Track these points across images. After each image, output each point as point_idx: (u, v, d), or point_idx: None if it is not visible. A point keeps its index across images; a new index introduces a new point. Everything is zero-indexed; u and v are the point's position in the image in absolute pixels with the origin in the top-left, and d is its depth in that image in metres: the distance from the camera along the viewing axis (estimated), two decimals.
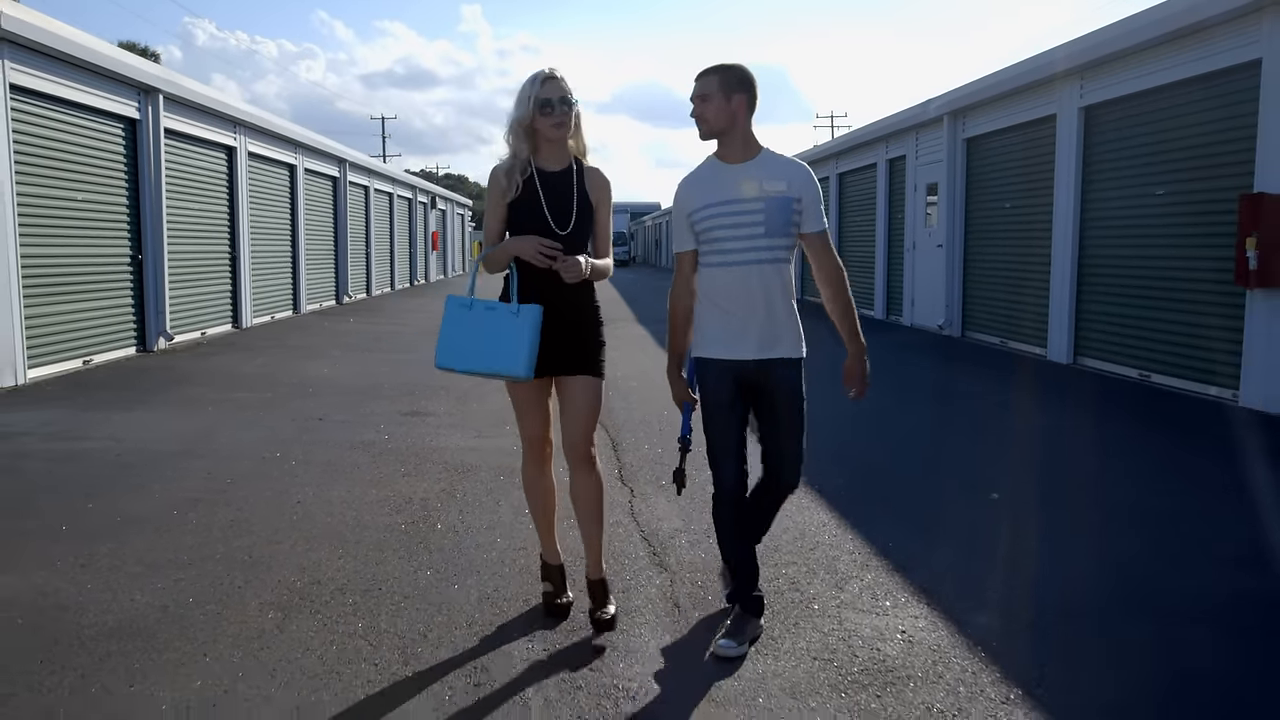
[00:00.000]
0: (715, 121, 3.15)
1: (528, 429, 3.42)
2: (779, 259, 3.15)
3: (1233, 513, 4.95)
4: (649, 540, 4.36)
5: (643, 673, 3.04)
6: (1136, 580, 3.94)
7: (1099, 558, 4.24)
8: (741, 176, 3.14)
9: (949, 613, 3.54)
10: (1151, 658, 3.23)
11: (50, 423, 6.87)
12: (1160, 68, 8.75)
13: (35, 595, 3.59)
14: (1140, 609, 3.64)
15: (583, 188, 3.33)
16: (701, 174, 3.25)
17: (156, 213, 11.06)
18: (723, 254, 3.14)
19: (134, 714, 2.71)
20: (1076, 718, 2.78)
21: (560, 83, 3.24)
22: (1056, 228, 10.56)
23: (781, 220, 3.12)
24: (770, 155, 3.21)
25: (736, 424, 3.21)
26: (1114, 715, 2.81)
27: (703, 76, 3.19)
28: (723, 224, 3.12)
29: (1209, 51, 8.08)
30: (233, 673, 2.97)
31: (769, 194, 3.10)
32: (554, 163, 3.33)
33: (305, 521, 4.56)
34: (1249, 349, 7.57)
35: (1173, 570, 4.07)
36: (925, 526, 4.66)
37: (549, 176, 3.30)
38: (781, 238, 3.14)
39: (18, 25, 8.21)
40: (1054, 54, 10.37)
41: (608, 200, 3.39)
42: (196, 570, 3.88)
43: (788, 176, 3.15)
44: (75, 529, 4.40)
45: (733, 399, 3.19)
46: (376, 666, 3.05)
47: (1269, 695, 2.96)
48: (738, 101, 3.14)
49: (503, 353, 3.14)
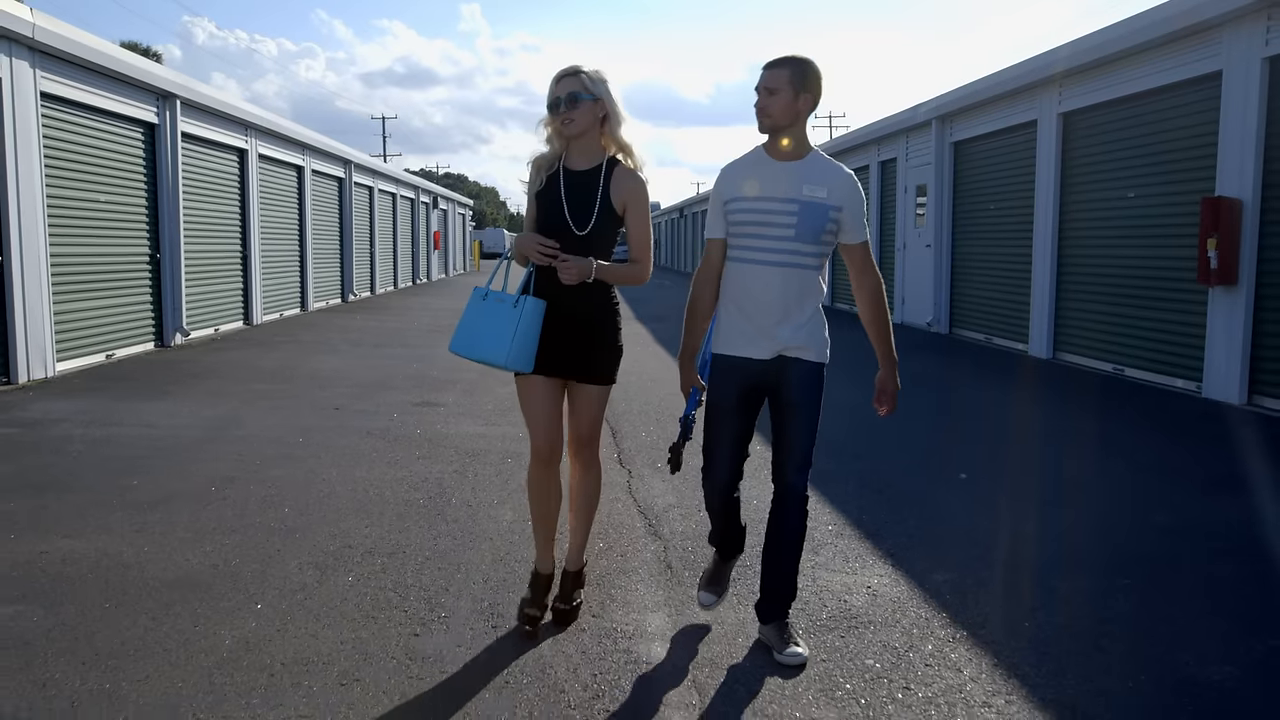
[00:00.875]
0: (780, 117, 3.03)
1: (536, 439, 3.33)
2: (805, 265, 3.05)
3: (1174, 489, 5.42)
4: (645, 514, 4.81)
5: (638, 619, 3.49)
6: (1076, 544, 4.42)
7: (1047, 525, 4.71)
8: (785, 174, 3.04)
9: (910, 573, 4.00)
10: (1082, 605, 3.69)
11: (86, 411, 7.33)
12: (1132, 77, 9.22)
13: (99, 556, 4.05)
14: (1077, 567, 4.11)
15: (607, 191, 3.21)
16: (746, 164, 3.14)
17: (174, 213, 11.52)
18: (748, 250, 3.07)
19: (201, 645, 3.17)
20: (1012, 651, 3.24)
21: (577, 78, 3.17)
22: (1037, 229, 11.03)
23: (814, 226, 3.01)
24: (818, 158, 3.11)
25: (739, 428, 3.17)
26: (1044, 648, 3.26)
27: (774, 67, 3.05)
28: (753, 220, 3.05)
29: (1175, 63, 8.55)
30: (283, 617, 3.43)
31: (806, 198, 3.00)
32: (583, 161, 3.24)
33: (332, 497, 5.02)
34: (1210, 344, 8.04)
35: (1109, 536, 4.54)
36: (896, 502, 5.12)
37: (575, 175, 3.23)
38: (811, 244, 3.03)
39: (48, 36, 8.67)
40: (1035, 61, 10.84)
41: (640, 203, 3.25)
42: (239, 536, 4.34)
43: (830, 183, 3.04)
44: (125, 502, 4.86)
45: (740, 400, 3.14)
46: (406, 613, 3.50)
47: (1178, 634, 3.41)
48: (805, 100, 3.03)
49: (491, 340, 3.12)
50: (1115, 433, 7.17)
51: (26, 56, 8.58)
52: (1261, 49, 7.44)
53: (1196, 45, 8.22)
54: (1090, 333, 10.15)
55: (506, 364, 3.11)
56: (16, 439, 6.33)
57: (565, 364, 3.24)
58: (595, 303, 3.25)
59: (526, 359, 3.14)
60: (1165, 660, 3.21)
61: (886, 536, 4.48)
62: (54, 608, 3.47)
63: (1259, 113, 7.49)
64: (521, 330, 3.10)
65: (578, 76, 3.18)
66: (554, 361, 3.22)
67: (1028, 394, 9.06)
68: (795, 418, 3.12)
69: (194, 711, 2.73)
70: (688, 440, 3.33)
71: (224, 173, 13.69)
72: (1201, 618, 3.56)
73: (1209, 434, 7.01)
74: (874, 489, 5.36)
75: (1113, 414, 7.91)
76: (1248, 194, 7.59)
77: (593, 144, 3.24)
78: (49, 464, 5.66)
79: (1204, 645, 3.30)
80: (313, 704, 2.79)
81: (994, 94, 11.96)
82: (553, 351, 3.21)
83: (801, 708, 2.82)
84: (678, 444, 3.32)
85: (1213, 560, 4.22)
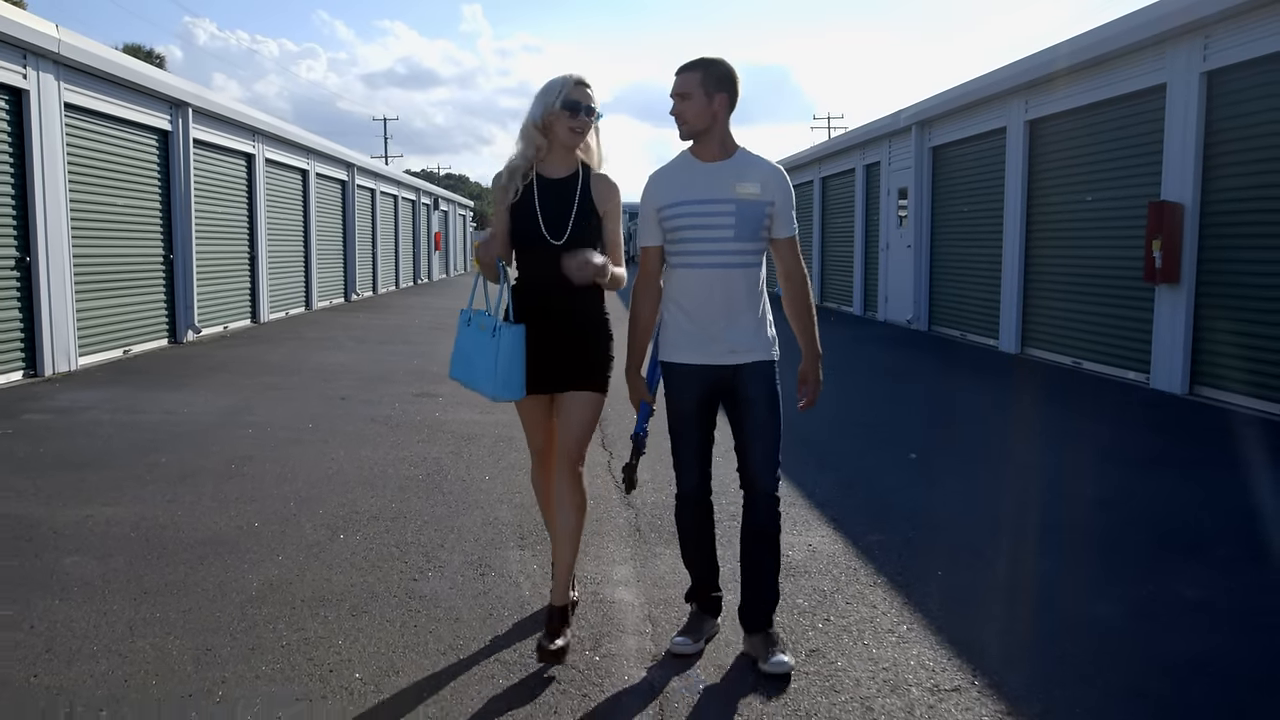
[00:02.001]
0: (696, 121, 3.04)
1: (533, 442, 3.39)
2: (748, 263, 3.05)
3: (1102, 468, 6.00)
4: (620, 486, 5.38)
5: (606, 570, 4.07)
6: (1003, 512, 5.00)
7: (980, 497, 5.29)
8: (714, 176, 3.03)
9: (848, 534, 4.57)
10: (995, 560, 4.27)
11: (110, 400, 7.91)
12: (1089, 88, 9.80)
13: (138, 519, 4.63)
14: (999, 530, 4.69)
15: (586, 196, 3.19)
16: (673, 169, 3.14)
17: (186, 216, 12.11)
18: (689, 255, 3.05)
19: (233, 587, 3.75)
20: (923, 595, 3.81)
21: (589, 90, 3.16)
22: (1006, 230, 11.61)
23: (752, 224, 3.02)
24: (746, 155, 3.10)
25: (701, 431, 3.17)
26: (952, 593, 3.84)
27: (683, 72, 3.05)
28: (691, 224, 3.03)
29: (1126, 76, 9.13)
30: (300, 566, 4.01)
31: (741, 196, 3.00)
32: (558, 169, 3.21)
33: (340, 473, 5.60)
34: (1156, 338, 8.62)
35: (1034, 505, 5.12)
36: (848, 478, 5.70)
37: (550, 183, 3.18)
38: (751, 241, 3.04)
39: (71, 50, 9.26)
40: (1004, 71, 11.42)
41: (617, 209, 3.23)
42: (259, 504, 4.92)
43: (762, 179, 3.04)
44: (155, 477, 5.44)
45: (699, 405, 3.13)
46: (406, 564, 4.08)
47: (1077, 584, 3.99)
48: (720, 101, 3.02)
49: (478, 372, 3.11)
50: (1061, 420, 7.74)
51: (52, 70, 9.17)
52: (1200, 64, 8.01)
53: (1144, 60, 8.79)
54: (1053, 328, 10.72)
55: (495, 396, 3.08)
56: (51, 424, 6.92)
57: (559, 377, 3.18)
58: (588, 311, 3.22)
59: (515, 387, 3.09)
60: (1058, 603, 3.78)
61: (833, 505, 5.05)
62: (105, 558, 4.06)
63: (1198, 123, 8.06)
64: (503, 363, 3.04)
65: (590, 89, 3.16)
66: (547, 378, 3.17)
67: (989, 386, 9.64)
68: (754, 415, 3.09)
69: (231, 633, 3.31)
70: (641, 455, 3.35)
71: (233, 177, 14.28)
72: (1101, 570, 4.14)
73: (1146, 420, 7.58)
74: (831, 467, 5.93)
75: (1063, 404, 8.49)
76: (1188, 198, 8.16)
77: (571, 153, 3.21)
78: (83, 445, 6.24)
79: (1097, 590, 3.88)
80: (328, 628, 3.37)
81: (968, 101, 12.53)
82: (545, 368, 3.15)
83: (736, 631, 3.39)
84: (632, 462, 3.34)
85: (1124, 527, 4.79)
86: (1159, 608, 3.68)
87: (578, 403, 3.20)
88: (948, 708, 2.86)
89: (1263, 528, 4.72)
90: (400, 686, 2.96)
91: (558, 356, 3.16)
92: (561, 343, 3.16)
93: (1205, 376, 8.16)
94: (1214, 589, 3.88)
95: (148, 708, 2.80)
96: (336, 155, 19.59)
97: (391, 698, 2.89)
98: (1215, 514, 4.97)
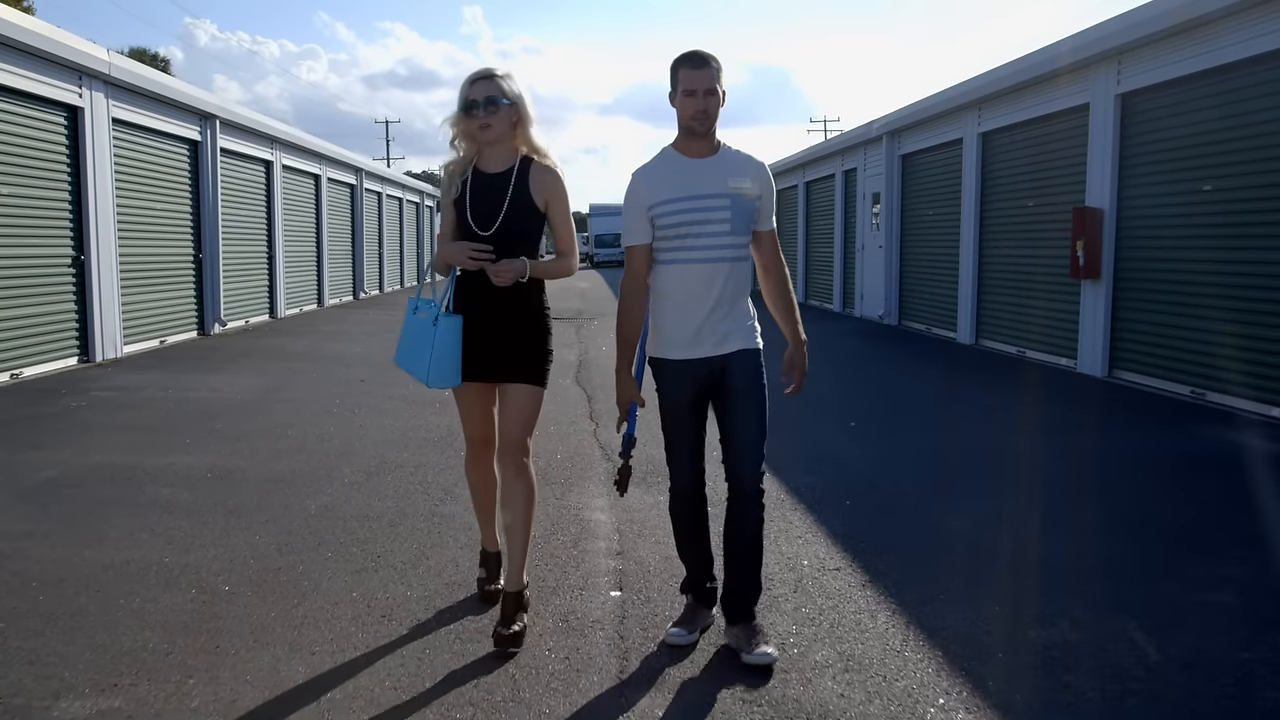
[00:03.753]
0: (717, 117, 3.04)
1: (469, 429, 3.45)
2: (740, 256, 3.10)
3: (1010, 433, 7.10)
4: (603, 448, 6.47)
5: (588, 500, 5.17)
6: (915, 463, 6.11)
7: (900, 452, 6.39)
8: (708, 171, 3.05)
9: (786, 482, 5.64)
10: (891, 493, 5.37)
11: (159, 381, 9.03)
12: (1028, 106, 10.93)
13: (210, 466, 5.74)
14: (903, 473, 5.79)
15: (522, 188, 3.20)
16: (660, 166, 3.12)
17: (213, 218, 13.23)
18: (684, 251, 3.05)
19: (296, 509, 4.85)
20: (830, 515, 4.90)
21: (493, 82, 3.15)
22: (963, 232, 12.73)
23: (745, 218, 3.06)
24: (730, 151, 3.13)
25: (695, 426, 3.18)
26: (854, 514, 4.93)
27: (703, 67, 3.00)
28: (688, 219, 3.02)
29: (1056, 96, 10.26)
30: (345, 497, 5.12)
31: (734, 190, 3.02)
32: (496, 164, 3.24)
33: (368, 435, 6.71)
34: (1082, 327, 9.74)
35: (937, 457, 6.23)
36: (793, 440, 6.79)
37: (486, 178, 3.22)
38: (744, 235, 3.08)
39: (120, 71, 10.39)
40: (960, 87, 12.53)
41: (560, 198, 3.26)
42: (305, 456, 6.03)
43: (750, 174, 3.08)
44: (215, 437, 6.56)
45: (692, 401, 3.14)
46: (429, 495, 5.18)
47: (945, 506, 5.09)
48: (723, 94, 3.06)
49: (417, 359, 3.19)
50: (990, 398, 8.86)
51: (102, 89, 10.29)
52: (1115, 87, 9.12)
53: (1072, 82, 9.90)
54: (1002, 321, 11.85)
55: (429, 382, 3.15)
56: (116, 399, 8.04)
57: (497, 368, 3.25)
58: (526, 305, 3.26)
59: (450, 374, 3.18)
60: (927, 515, 4.89)
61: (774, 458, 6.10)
62: (192, 490, 5.17)
63: (1113, 138, 9.17)
64: (437, 349, 3.12)
65: (493, 80, 3.16)
66: (483, 367, 3.24)
67: (938, 372, 10.75)
68: (743, 405, 3.12)
69: (300, 535, 4.42)
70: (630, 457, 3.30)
71: (253, 182, 15.40)
72: (964, 495, 5.24)
73: (1062, 398, 8.68)
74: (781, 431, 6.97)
75: (998, 386, 9.60)
76: (1107, 204, 9.27)
77: (506, 147, 3.23)
78: (147, 415, 7.36)
79: (957, 507, 4.98)
80: (373, 533, 4.48)
81: (931, 113, 13.64)
82: (481, 357, 3.22)
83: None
84: (624, 465, 3.28)
85: (993, 469, 5.89)
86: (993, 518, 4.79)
87: (517, 396, 3.26)
88: (827, 579, 3.97)
89: (1101, 466, 5.83)
90: (430, 568, 4.07)
91: (494, 346, 3.22)
92: (497, 333, 3.22)
93: (1123, 361, 9.27)
94: (1035, 501, 4.99)
95: (251, 576, 3.92)
96: (346, 160, 20.72)
97: (424, 573, 4.00)
98: (1066, 461, 6.08)
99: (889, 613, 3.58)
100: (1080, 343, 9.78)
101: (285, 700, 2.85)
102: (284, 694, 2.89)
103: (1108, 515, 4.91)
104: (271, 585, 3.79)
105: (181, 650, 3.17)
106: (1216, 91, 7.98)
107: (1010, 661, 3.17)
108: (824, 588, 3.86)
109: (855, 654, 3.22)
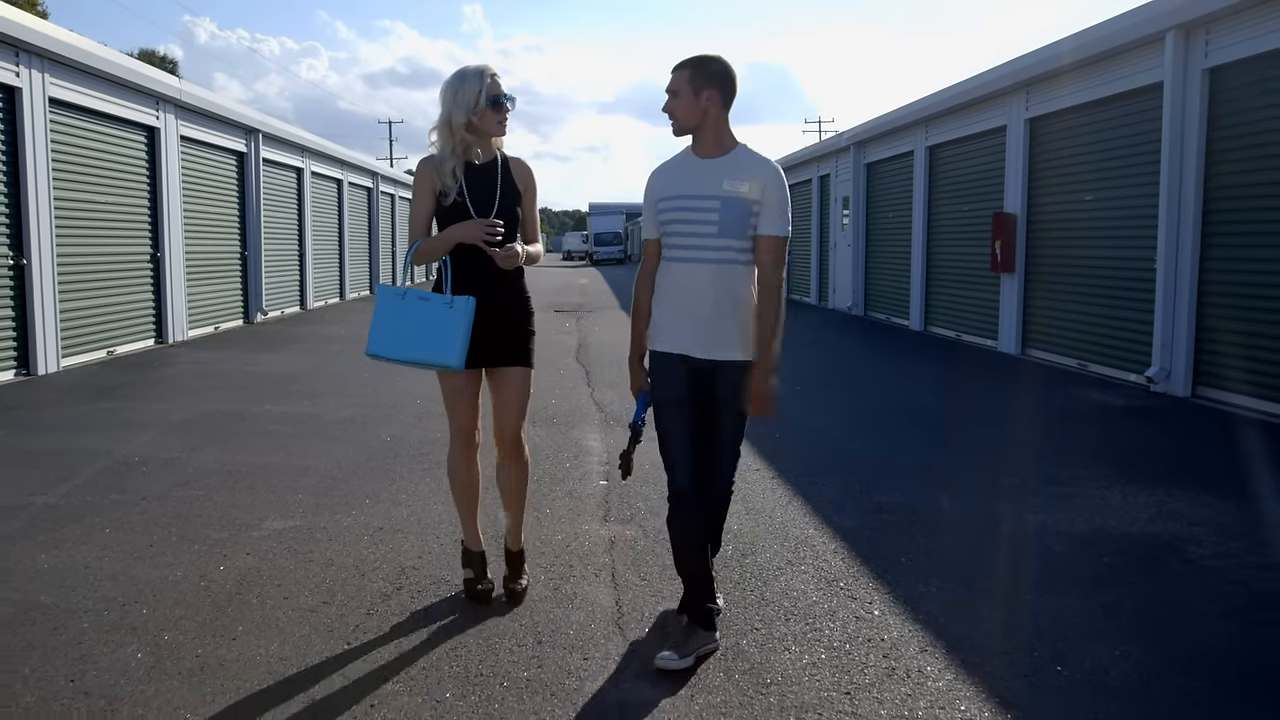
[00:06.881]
0: (684, 118, 3.09)
1: (457, 420, 3.50)
2: (732, 260, 3.06)
3: (923, 396, 8.92)
4: (598, 407, 8.28)
5: (584, 434, 6.97)
6: (836, 413, 7.92)
7: (829, 408, 8.20)
8: (705, 172, 3.08)
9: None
10: (818, 434, 7.18)
11: (228, 358, 10.84)
12: (964, 124, 12.76)
13: (298, 413, 7.54)
14: (830, 421, 7.61)
15: (509, 178, 3.36)
16: (672, 164, 3.21)
17: (256, 220, 15.05)
18: (679, 249, 3.11)
19: (366, 442, 6.66)
20: (761, 450, 6.69)
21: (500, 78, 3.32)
22: (914, 233, 14.55)
23: (737, 221, 3.03)
24: (744, 152, 3.12)
25: (688, 418, 3.13)
26: (782, 449, 6.73)
27: (674, 70, 3.11)
28: (679, 218, 3.09)
29: (983, 117, 12.09)
30: (406, 432, 6.92)
31: (726, 193, 3.02)
32: (484, 156, 3.38)
33: (414, 394, 8.51)
34: (1001, 314, 11.57)
35: (858, 410, 8.05)
36: None
37: (477, 168, 3.35)
38: (738, 239, 3.05)
39: (189, 97, 12.23)
40: (911, 106, 14.34)
41: (533, 188, 3.44)
42: (367, 407, 7.83)
43: (754, 177, 3.04)
44: (292, 395, 8.37)
45: (684, 392, 3.12)
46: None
47: (858, 442, 6.90)
48: (708, 97, 3.06)
49: (437, 343, 3.18)
50: (918, 371, 10.68)
51: (173, 111, 12.10)
52: (1024, 113, 10.95)
53: (992, 106, 11.73)
54: (944, 310, 13.68)
55: (458, 365, 3.18)
56: (202, 369, 9.87)
57: (488, 353, 3.33)
58: (515, 290, 3.38)
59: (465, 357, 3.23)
60: (844, 449, 6.70)
61: None
62: (293, 425, 6.99)
63: (1023, 155, 11.00)
64: (466, 329, 3.18)
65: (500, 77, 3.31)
66: (477, 352, 3.28)
67: (885, 352, 12.58)
68: (727, 417, 3.16)
69: (379, 454, 6.24)
70: (638, 444, 3.29)
71: (286, 188, 17.22)
72: (876, 433, 7.04)
73: (975, 369, 10.50)
74: None
75: (929, 362, 11.42)
76: (1019, 210, 11.10)
77: (489, 141, 3.39)
78: (234, 380, 9.18)
79: (865, 442, 6.79)
80: (429, 450, 6.28)
81: (889, 127, 15.45)
82: (477, 343, 3.26)
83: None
84: (628, 450, 3.27)
85: (901, 416, 7.69)
86: (891, 448, 6.60)
87: (515, 379, 3.41)
88: (750, 476, 5.77)
89: (976, 416, 7.64)
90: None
91: (488, 332, 3.30)
92: (492, 319, 3.31)
93: (1033, 340, 11.10)
94: (913, 435, 6.79)
95: (356, 470, 5.73)
96: (363, 165, 22.54)
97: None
98: (954, 412, 7.89)
99: (784, 488, 5.41)
100: (1000, 326, 11.61)
101: (396, 524, 4.68)
102: (394, 524, 4.72)
103: (964, 444, 6.74)
104: (370, 475, 5.62)
105: (323, 506, 5.00)
106: (1098, 119, 9.79)
107: (858, 521, 4.99)
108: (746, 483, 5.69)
109: (755, 506, 5.04)
